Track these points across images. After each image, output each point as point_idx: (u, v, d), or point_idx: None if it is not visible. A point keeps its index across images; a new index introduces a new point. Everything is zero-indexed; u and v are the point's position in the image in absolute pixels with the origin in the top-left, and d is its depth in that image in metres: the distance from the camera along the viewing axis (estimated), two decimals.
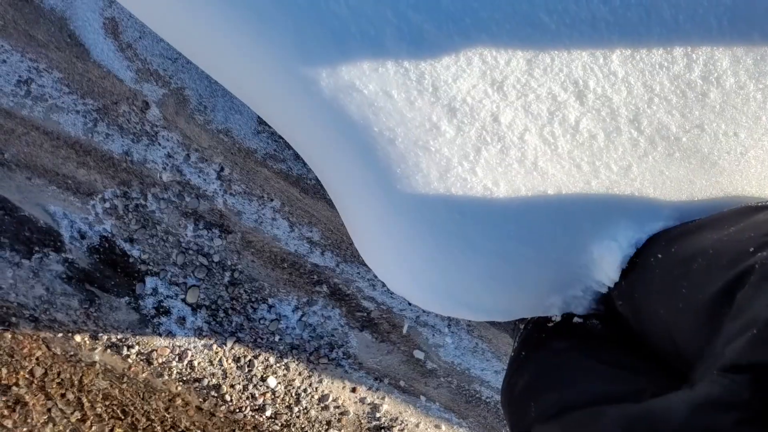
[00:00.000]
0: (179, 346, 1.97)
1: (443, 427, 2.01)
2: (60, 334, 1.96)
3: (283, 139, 1.72)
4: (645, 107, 0.96)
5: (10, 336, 1.97)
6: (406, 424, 2.01)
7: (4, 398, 2.03)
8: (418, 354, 1.94)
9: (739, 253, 0.73)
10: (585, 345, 0.99)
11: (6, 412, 2.04)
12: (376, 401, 2.00)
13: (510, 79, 0.95)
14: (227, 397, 2.00)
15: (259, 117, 1.75)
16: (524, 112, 0.97)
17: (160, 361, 1.97)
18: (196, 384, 1.99)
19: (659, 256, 0.88)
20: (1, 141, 1.75)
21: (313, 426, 2.02)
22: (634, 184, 0.99)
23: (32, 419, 2.03)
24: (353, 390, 2.00)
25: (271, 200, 1.85)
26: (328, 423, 2.02)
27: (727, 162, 0.98)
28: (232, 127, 1.74)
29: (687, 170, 0.99)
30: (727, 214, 0.90)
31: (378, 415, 2.00)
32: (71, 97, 1.71)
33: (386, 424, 2.01)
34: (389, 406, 2.00)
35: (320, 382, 2.00)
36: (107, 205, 1.83)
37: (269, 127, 1.75)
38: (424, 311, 1.95)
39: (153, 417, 2.03)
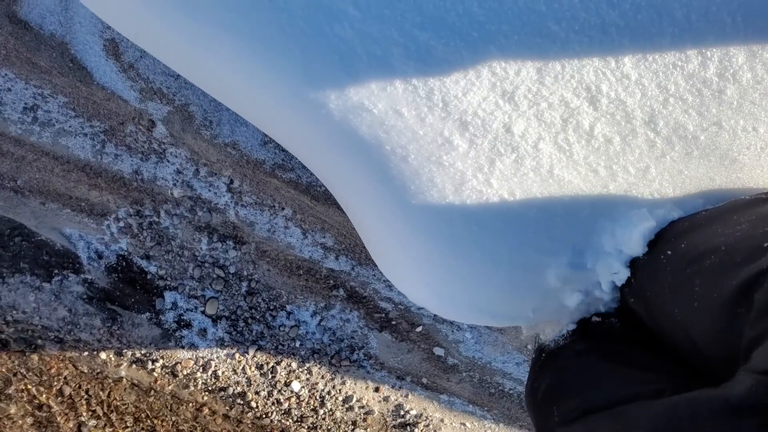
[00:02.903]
0: (202, 357, 1.99)
1: (468, 424, 2.02)
2: (85, 353, 1.99)
3: None
4: (660, 108, 0.94)
5: (37, 357, 2.00)
6: (431, 420, 2.03)
7: (35, 417, 2.07)
8: (438, 351, 1.95)
9: (753, 249, 0.71)
10: (603, 346, 0.99)
11: (38, 430, 2.08)
12: (400, 399, 2.02)
13: (521, 89, 0.94)
14: (253, 404, 2.03)
15: None
16: (537, 120, 0.96)
17: (185, 373, 2.00)
18: (222, 393, 2.02)
19: (669, 252, 0.86)
20: (12, 168, 1.76)
21: (339, 427, 2.04)
22: (653, 185, 0.98)
23: None
24: (376, 389, 2.02)
25: (283, 209, 1.85)
26: (354, 423, 2.04)
27: (748, 158, 0.96)
28: (238, 139, 1.74)
29: (707, 168, 0.97)
30: (737, 206, 0.88)
31: (402, 412, 2.03)
32: (78, 120, 1.71)
33: (411, 421, 2.03)
34: (413, 404, 2.02)
35: (343, 383, 2.02)
36: (121, 224, 1.84)
37: None
38: None
39: (182, 428, 2.06)
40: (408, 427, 2.04)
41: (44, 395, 2.05)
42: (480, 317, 1.10)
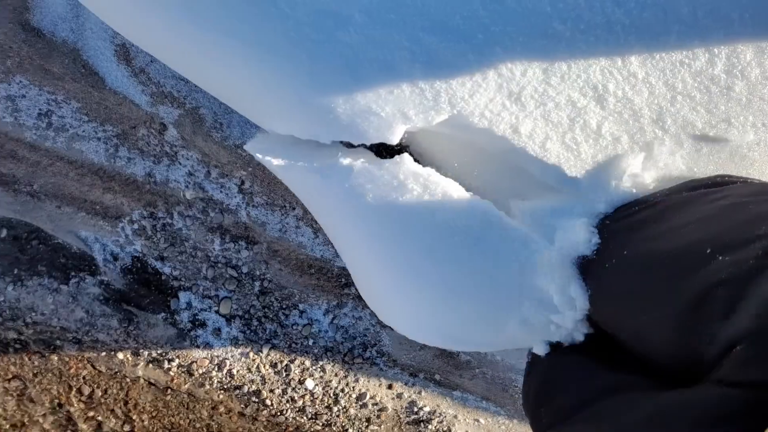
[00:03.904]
0: (217, 356, 2.02)
1: (481, 420, 2.03)
2: (103, 353, 2.03)
3: None
4: (668, 106, 0.94)
5: (56, 358, 2.04)
6: (445, 416, 2.04)
7: (56, 417, 2.11)
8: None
9: (696, 259, 0.70)
10: (577, 354, 0.97)
11: (58, 430, 2.13)
12: (413, 396, 2.04)
13: (527, 89, 0.94)
14: (268, 402, 2.05)
15: None
16: (544, 120, 0.96)
17: (200, 371, 2.03)
18: (237, 391, 2.05)
19: (613, 261, 0.84)
20: (29, 173, 1.80)
21: (353, 424, 2.06)
22: (662, 184, 0.98)
23: None
24: (390, 387, 2.03)
25: (293, 209, 1.87)
26: (368, 420, 2.06)
27: (758, 153, 0.96)
28: (248, 141, 1.75)
29: (716, 165, 0.97)
30: (668, 203, 0.86)
31: (416, 409, 2.04)
32: (91, 125, 1.73)
33: (425, 418, 2.04)
34: (426, 400, 2.04)
35: (357, 381, 2.04)
36: (135, 226, 1.87)
37: None
38: None
39: (198, 425, 2.10)
40: (422, 424, 2.05)
41: (64, 395, 2.09)
42: (451, 344, 1.08)
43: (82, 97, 1.70)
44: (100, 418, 2.11)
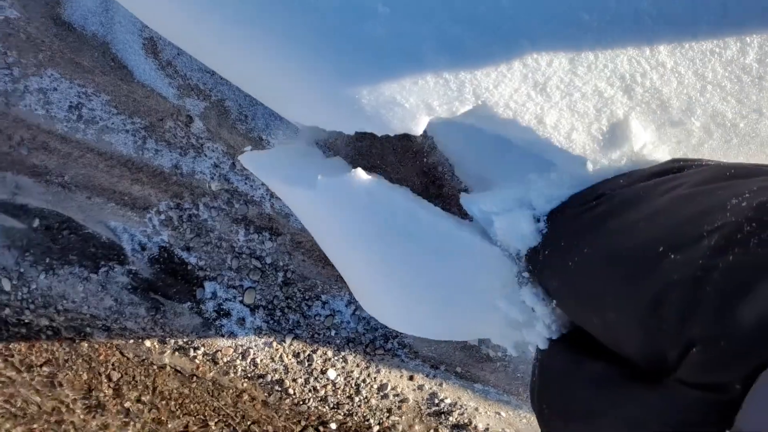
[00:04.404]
0: (241, 346, 2.05)
1: (503, 413, 2.03)
2: (131, 341, 2.08)
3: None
4: (698, 96, 0.92)
5: (86, 345, 2.10)
6: (466, 408, 2.05)
7: (86, 402, 2.18)
8: (473, 341, 1.96)
9: (649, 259, 0.70)
10: (576, 337, 0.98)
11: (88, 415, 2.19)
12: (435, 388, 2.04)
13: (553, 79, 0.93)
14: (290, 391, 2.08)
15: None
16: (570, 111, 0.95)
17: (225, 360, 2.07)
18: (261, 380, 2.08)
19: (576, 259, 0.84)
20: (60, 164, 1.84)
21: (374, 414, 2.08)
22: None
23: (112, 420, 2.18)
24: (411, 378, 2.04)
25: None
26: (389, 410, 2.08)
27: None
28: (272, 132, 1.77)
29: (746, 156, 0.95)
30: (623, 196, 0.84)
31: (437, 400, 2.05)
32: (120, 117, 1.77)
33: (446, 410, 2.05)
34: (448, 392, 2.04)
35: (378, 372, 2.05)
36: (162, 217, 1.91)
37: None
38: None
39: (223, 413, 2.14)
40: (442, 416, 2.06)
41: (94, 381, 2.15)
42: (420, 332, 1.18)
43: (111, 90, 1.73)
44: (127, 404, 2.17)
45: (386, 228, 1.04)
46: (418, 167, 1.63)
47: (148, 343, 2.08)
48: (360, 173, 1.05)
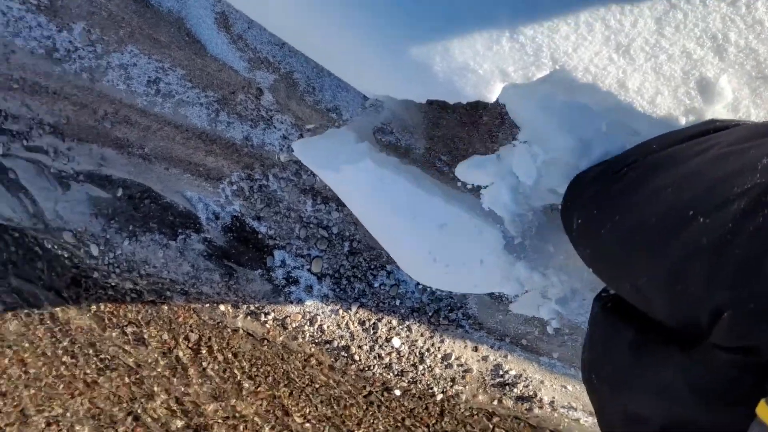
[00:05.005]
0: (309, 312, 2.12)
1: (569, 387, 2.01)
2: (207, 305, 2.19)
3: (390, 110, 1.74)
4: None
5: (167, 308, 2.23)
6: (531, 381, 2.04)
7: (166, 360, 2.33)
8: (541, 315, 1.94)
9: (678, 223, 0.70)
10: (614, 310, 0.97)
11: (169, 372, 2.35)
12: (499, 359, 2.04)
13: (637, 41, 0.88)
14: (356, 357, 2.14)
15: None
16: (655, 74, 0.90)
17: (293, 325, 2.15)
18: (327, 345, 2.15)
19: (608, 226, 0.84)
20: (140, 137, 1.94)
21: (438, 383, 2.11)
22: None
23: (190, 378, 2.32)
24: (475, 349, 2.05)
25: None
26: (453, 380, 2.10)
27: None
28: (340, 104, 1.78)
29: None
30: (654, 160, 0.83)
31: (501, 372, 2.05)
32: (194, 91, 1.83)
33: (510, 381, 2.05)
34: (512, 364, 2.04)
35: (442, 342, 2.07)
36: (234, 187, 1.98)
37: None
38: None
39: (292, 376, 2.23)
40: (507, 387, 2.06)
41: (173, 341, 2.29)
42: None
43: (186, 65, 1.80)
44: (204, 363, 2.30)
45: (392, 207, 1.27)
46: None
47: (222, 307, 2.18)
48: (369, 163, 1.23)
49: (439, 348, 2.08)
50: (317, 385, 2.23)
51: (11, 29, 1.83)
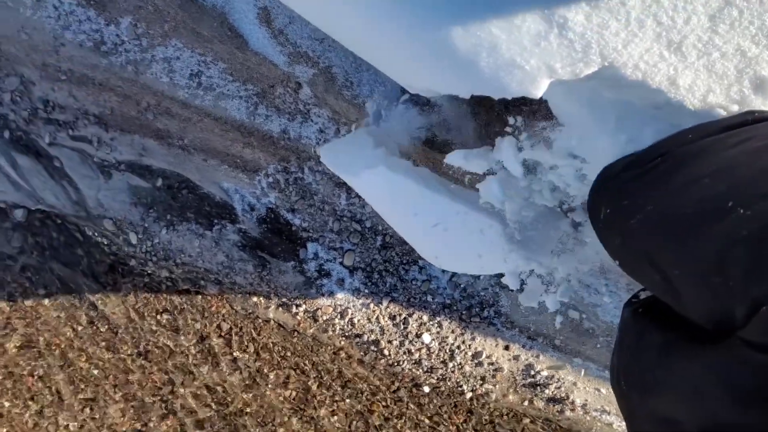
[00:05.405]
0: (340, 305, 2.14)
1: (603, 390, 1.98)
2: (240, 295, 2.23)
3: (428, 106, 1.74)
4: None
5: (200, 297, 2.28)
6: (563, 382, 2.02)
7: (199, 348, 2.38)
8: (573, 314, 1.92)
9: (715, 214, 0.69)
10: (644, 315, 0.95)
11: (200, 359, 2.40)
12: (531, 359, 2.03)
13: (690, 38, 0.87)
14: (386, 352, 2.15)
15: (402, 88, 1.77)
16: (707, 72, 0.88)
17: (324, 318, 2.17)
18: (357, 339, 2.17)
19: (638, 217, 0.83)
20: (180, 129, 1.99)
21: (467, 381, 2.10)
22: None
23: (221, 368, 2.36)
24: (506, 348, 2.04)
25: (417, 166, 1.90)
26: (483, 378, 2.09)
27: None
28: (377, 99, 1.79)
29: None
30: (689, 151, 0.81)
31: (533, 372, 2.03)
32: (234, 84, 1.87)
33: (542, 382, 2.03)
34: (544, 365, 2.02)
35: (473, 339, 2.07)
36: (270, 179, 2.01)
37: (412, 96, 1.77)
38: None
39: (321, 368, 2.26)
40: (538, 388, 2.05)
41: (206, 330, 2.34)
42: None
43: (227, 58, 1.83)
44: (236, 353, 2.35)
45: (403, 207, 1.44)
46: None
47: (254, 298, 2.22)
48: (383, 169, 1.37)
49: (469, 345, 2.07)
50: (346, 379, 2.25)
51: (62, 23, 1.89)
